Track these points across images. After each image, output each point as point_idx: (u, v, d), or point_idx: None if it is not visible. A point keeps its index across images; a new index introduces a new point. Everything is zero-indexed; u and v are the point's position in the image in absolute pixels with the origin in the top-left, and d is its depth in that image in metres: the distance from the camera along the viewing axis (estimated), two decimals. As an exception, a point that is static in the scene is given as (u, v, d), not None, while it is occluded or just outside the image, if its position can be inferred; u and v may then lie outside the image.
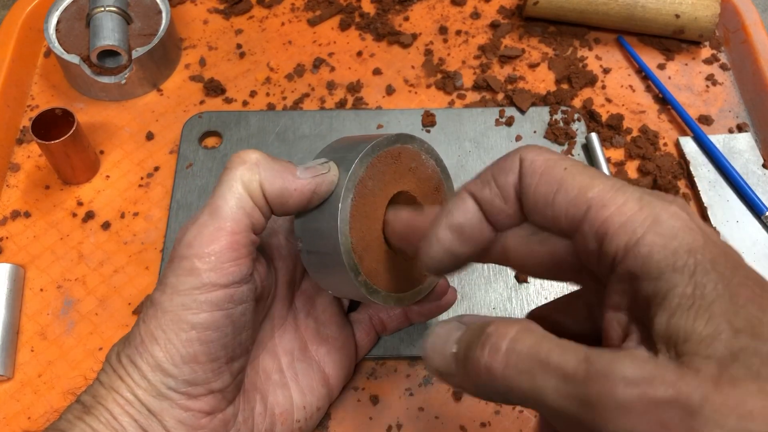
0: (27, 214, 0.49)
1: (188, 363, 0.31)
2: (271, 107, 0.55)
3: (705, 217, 0.49)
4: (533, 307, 0.44)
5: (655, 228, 0.22)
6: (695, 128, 0.53)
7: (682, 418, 0.19)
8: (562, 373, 0.21)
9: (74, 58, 0.52)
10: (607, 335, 0.24)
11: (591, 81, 0.56)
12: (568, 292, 0.30)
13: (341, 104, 0.55)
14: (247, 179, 0.32)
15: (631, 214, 0.22)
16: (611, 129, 0.53)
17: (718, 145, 0.52)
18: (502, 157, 0.26)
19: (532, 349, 0.22)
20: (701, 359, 0.20)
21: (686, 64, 0.58)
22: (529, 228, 0.26)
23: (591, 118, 0.54)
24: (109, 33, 0.52)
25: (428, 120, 0.52)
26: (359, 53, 0.58)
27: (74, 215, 0.49)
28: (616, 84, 0.56)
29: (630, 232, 0.22)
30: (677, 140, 0.53)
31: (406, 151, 0.36)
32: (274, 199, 0.32)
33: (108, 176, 0.51)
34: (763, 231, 0.48)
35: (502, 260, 0.27)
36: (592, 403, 0.20)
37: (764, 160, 0.52)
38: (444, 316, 0.44)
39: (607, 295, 0.24)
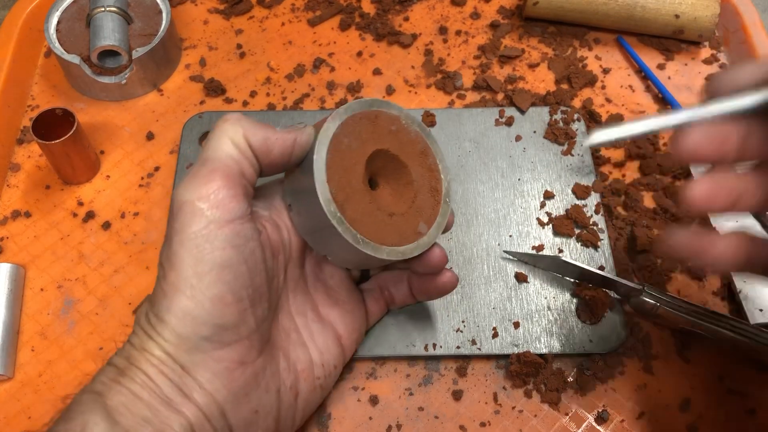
0: (27, 214, 0.49)
1: (216, 305, 0.32)
2: (271, 107, 0.55)
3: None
4: (533, 306, 0.45)
5: None
6: (695, 128, 0.53)
7: None
8: None
9: (74, 58, 0.53)
10: None
11: (591, 81, 0.56)
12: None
13: (341, 104, 0.55)
14: (232, 132, 0.34)
15: None
16: (611, 129, 0.53)
17: (717, 145, 0.52)
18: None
19: None
20: None
21: (686, 64, 0.58)
22: None
23: (591, 118, 0.54)
24: (109, 33, 0.52)
25: (428, 120, 0.52)
26: (359, 53, 0.58)
27: (75, 215, 0.49)
28: (616, 84, 0.57)
29: None
30: (677, 140, 0.53)
31: (383, 115, 0.38)
32: (258, 148, 0.35)
33: (108, 176, 0.51)
34: (762, 231, 0.48)
35: None
36: None
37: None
38: (445, 300, 0.44)
39: None
